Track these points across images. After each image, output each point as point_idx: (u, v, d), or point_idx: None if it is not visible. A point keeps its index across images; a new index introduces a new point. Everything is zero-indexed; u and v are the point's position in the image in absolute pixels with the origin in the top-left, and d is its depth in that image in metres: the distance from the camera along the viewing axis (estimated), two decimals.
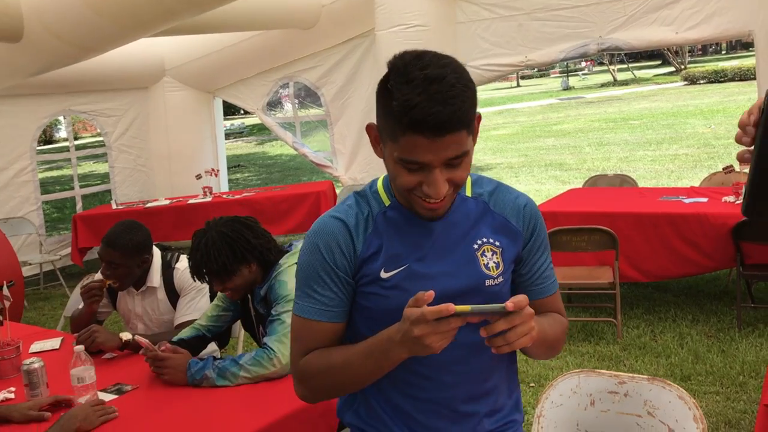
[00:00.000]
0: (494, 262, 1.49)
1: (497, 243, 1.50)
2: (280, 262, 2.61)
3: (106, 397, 2.39)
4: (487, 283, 1.48)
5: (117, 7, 4.98)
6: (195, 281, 2.73)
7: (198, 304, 3.01)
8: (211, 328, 2.80)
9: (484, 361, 1.52)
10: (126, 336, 2.79)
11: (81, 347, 2.42)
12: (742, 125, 1.06)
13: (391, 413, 1.53)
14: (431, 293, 1.26)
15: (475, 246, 1.48)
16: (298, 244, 2.73)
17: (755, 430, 2.82)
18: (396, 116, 1.28)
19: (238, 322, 3.00)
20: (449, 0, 7.02)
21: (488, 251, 1.49)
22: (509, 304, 1.23)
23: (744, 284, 4.99)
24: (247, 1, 6.50)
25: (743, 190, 1.02)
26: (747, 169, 3.97)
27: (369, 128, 1.45)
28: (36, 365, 2.43)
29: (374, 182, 1.54)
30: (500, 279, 1.49)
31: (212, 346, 3.08)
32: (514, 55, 6.90)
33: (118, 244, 2.96)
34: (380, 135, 1.40)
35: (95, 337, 2.74)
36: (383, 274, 1.45)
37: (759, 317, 4.80)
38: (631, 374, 2.14)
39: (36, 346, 3.06)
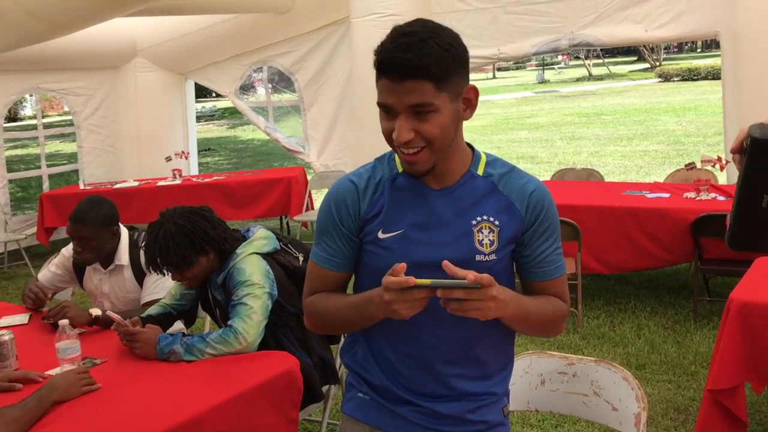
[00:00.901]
0: (489, 240, 1.60)
1: (497, 222, 1.60)
2: (237, 251, 2.73)
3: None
4: (478, 258, 1.59)
5: None
6: (151, 273, 2.80)
7: (165, 283, 3.10)
8: (176, 306, 2.91)
9: (468, 330, 1.64)
10: (96, 312, 2.88)
11: (66, 321, 2.52)
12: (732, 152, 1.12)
13: (378, 360, 1.71)
14: (403, 265, 1.43)
15: (474, 222, 1.60)
16: (255, 230, 2.86)
17: (699, 414, 3.01)
18: (374, 63, 1.47)
19: None
20: None
21: (485, 228, 1.60)
22: (470, 276, 1.38)
23: (702, 278, 5.19)
24: None
25: (728, 219, 1.13)
26: (708, 167, 4.13)
27: None
28: (6, 337, 2.52)
29: (393, 151, 1.66)
30: (492, 256, 1.60)
31: (179, 324, 3.18)
32: (488, 48, 7.05)
33: (87, 218, 3.05)
34: None
35: (65, 312, 2.82)
36: (381, 235, 1.61)
37: (714, 310, 5.00)
38: (579, 356, 2.29)
39: (4, 321, 3.13)
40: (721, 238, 4.21)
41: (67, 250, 3.37)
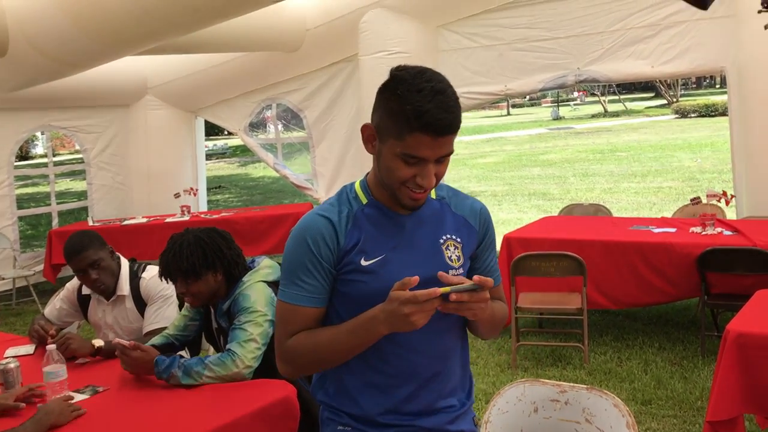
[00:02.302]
0: (456, 255, 1.80)
1: (458, 239, 1.82)
2: (243, 279, 2.86)
3: (79, 397, 2.59)
4: (450, 273, 1.75)
5: (101, 26, 5.23)
6: (162, 281, 2.96)
7: (165, 312, 3.22)
8: (179, 337, 3.02)
9: (443, 344, 1.83)
10: (98, 343, 3.00)
11: (53, 346, 2.64)
12: None
13: (361, 385, 1.80)
14: (416, 278, 1.57)
15: (441, 241, 1.80)
16: (260, 261, 2.99)
17: None
18: (406, 118, 1.59)
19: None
20: (432, 28, 7.35)
21: (451, 246, 1.81)
22: (476, 277, 1.57)
23: (710, 313, 5.24)
24: (231, 23, 6.77)
25: None
26: (714, 201, 4.25)
27: (364, 128, 1.72)
28: (12, 365, 2.63)
29: (351, 185, 1.84)
30: (461, 270, 1.81)
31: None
32: (495, 84, 7.22)
33: (85, 245, 3.23)
34: (379, 134, 1.68)
35: (69, 343, 2.94)
36: (363, 263, 1.73)
37: None
38: (571, 383, 2.37)
39: (11, 351, 3.24)
40: (728, 272, 4.27)
41: (72, 284, 3.50)
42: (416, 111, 1.57)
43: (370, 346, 1.69)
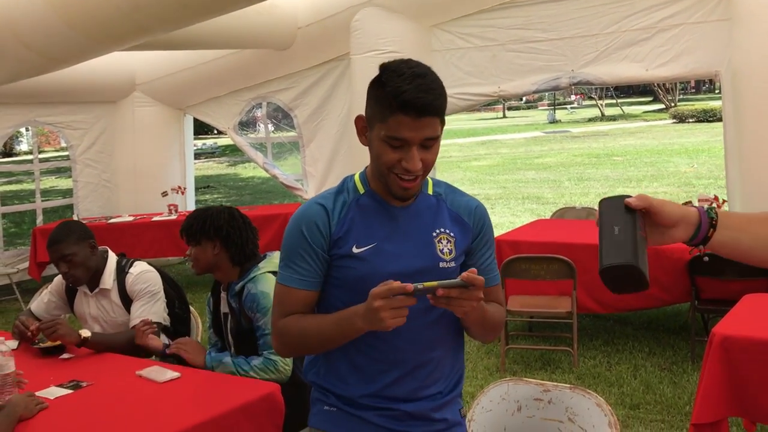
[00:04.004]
0: (448, 249, 1.88)
1: (452, 233, 1.90)
2: (259, 265, 3.04)
3: (63, 392, 2.64)
4: (441, 265, 1.86)
5: (89, 21, 5.26)
6: (150, 278, 3.26)
7: (152, 308, 3.29)
8: None
9: (433, 333, 1.90)
10: (85, 333, 3.07)
11: (2, 338, 2.69)
12: None
13: (349, 368, 1.89)
14: (398, 283, 1.62)
15: (434, 234, 1.88)
16: (273, 255, 3.16)
17: None
18: (387, 100, 1.69)
19: (200, 322, 3.50)
20: (425, 27, 7.41)
21: (444, 239, 1.88)
22: (464, 275, 1.63)
23: (700, 318, 5.32)
24: (222, 19, 6.81)
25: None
26: (705, 206, 4.35)
27: (358, 119, 1.82)
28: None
29: (352, 176, 1.94)
30: (452, 263, 1.88)
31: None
32: (488, 85, 7.28)
33: (61, 237, 3.30)
34: (368, 122, 1.79)
35: (57, 328, 3.02)
36: (355, 250, 1.83)
37: None
38: (555, 383, 2.44)
39: None
40: (718, 277, 4.34)
41: (60, 277, 3.55)
42: (395, 92, 1.67)
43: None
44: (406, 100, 1.67)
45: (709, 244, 1.39)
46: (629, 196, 1.38)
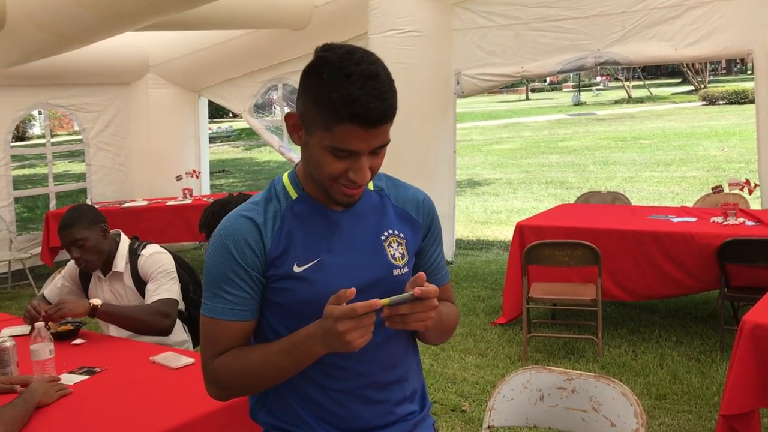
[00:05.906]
0: (400, 253, 1.68)
1: (401, 234, 1.70)
2: None
3: (75, 378, 2.65)
4: (395, 272, 1.66)
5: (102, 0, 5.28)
6: (162, 259, 3.28)
7: (166, 285, 3.29)
8: None
9: (392, 350, 1.71)
10: (96, 302, 3.10)
11: (41, 324, 2.71)
12: None
13: (304, 405, 1.67)
14: (353, 290, 1.45)
15: (383, 237, 1.67)
16: None
17: None
18: (333, 107, 1.45)
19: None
20: (445, 6, 7.35)
21: (394, 242, 1.68)
22: (417, 290, 1.47)
23: (730, 307, 5.27)
24: None
25: None
26: (736, 190, 4.31)
27: (288, 117, 1.58)
28: (8, 344, 2.69)
29: (279, 178, 1.69)
30: (405, 269, 1.69)
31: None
32: (510, 66, 7.23)
33: (72, 222, 3.29)
34: (304, 124, 1.54)
35: (61, 307, 3.05)
36: (296, 269, 1.59)
37: None
38: (578, 371, 2.41)
39: (6, 332, 3.31)
40: (750, 264, 4.29)
41: (73, 263, 3.57)
42: (345, 99, 1.43)
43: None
44: (358, 112, 1.44)
45: None
46: None
